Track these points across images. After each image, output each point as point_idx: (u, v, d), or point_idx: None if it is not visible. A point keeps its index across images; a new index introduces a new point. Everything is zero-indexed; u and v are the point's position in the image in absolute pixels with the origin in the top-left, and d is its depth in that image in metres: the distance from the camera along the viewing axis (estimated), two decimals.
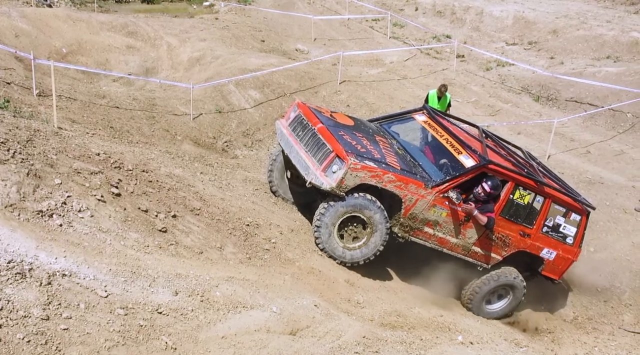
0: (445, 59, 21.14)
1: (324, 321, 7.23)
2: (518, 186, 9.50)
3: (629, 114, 17.17)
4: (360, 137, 9.42)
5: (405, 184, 8.88)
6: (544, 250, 10.01)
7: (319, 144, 9.07)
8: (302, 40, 21.47)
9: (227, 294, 6.76)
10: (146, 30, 18.95)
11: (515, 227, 9.72)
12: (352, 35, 22.94)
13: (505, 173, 9.43)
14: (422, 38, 23.13)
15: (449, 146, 9.71)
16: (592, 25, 22.19)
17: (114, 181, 7.54)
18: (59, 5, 22.89)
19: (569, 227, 10.05)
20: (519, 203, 9.65)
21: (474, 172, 9.21)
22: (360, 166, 8.59)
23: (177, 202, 8.14)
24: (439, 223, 9.32)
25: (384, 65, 19.80)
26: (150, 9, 24.54)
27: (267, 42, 20.31)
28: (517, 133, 16.09)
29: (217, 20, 21.50)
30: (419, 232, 9.35)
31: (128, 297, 5.94)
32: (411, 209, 9.07)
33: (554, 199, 9.79)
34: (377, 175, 8.70)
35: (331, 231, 8.88)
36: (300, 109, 9.76)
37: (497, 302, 10.31)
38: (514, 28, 23.33)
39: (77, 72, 15.26)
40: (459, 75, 19.85)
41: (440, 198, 9.09)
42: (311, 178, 8.82)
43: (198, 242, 7.62)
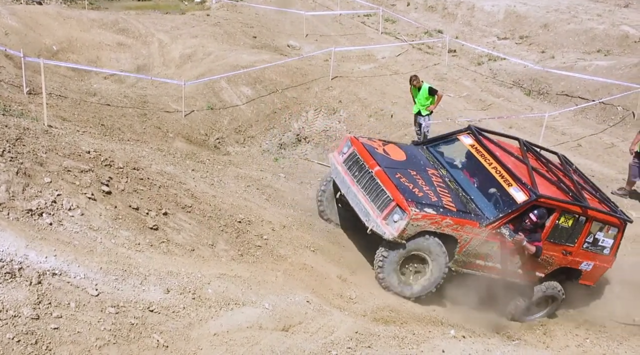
0: (437, 54, 21.14)
1: (317, 317, 7.24)
2: (564, 213, 9.63)
3: (620, 107, 17.23)
4: (415, 176, 9.47)
5: (462, 225, 9.03)
6: (583, 264, 10.20)
7: (377, 190, 9.13)
8: (294, 36, 21.42)
9: (219, 291, 6.76)
10: (137, 27, 18.88)
11: (559, 248, 9.87)
12: (344, 31, 22.91)
13: (554, 204, 9.53)
14: (414, 33, 23.12)
15: (498, 177, 9.75)
16: (582, 19, 22.23)
17: (104, 179, 7.51)
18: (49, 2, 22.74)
19: (607, 240, 10.23)
20: (563, 226, 9.79)
21: (525, 206, 9.29)
22: (421, 216, 8.69)
23: (168, 199, 8.13)
24: (490, 255, 9.48)
25: (376, 60, 19.79)
26: (141, 5, 24.40)
27: (259, 38, 20.26)
28: (509, 127, 16.11)
29: (208, 16, 21.42)
30: (470, 265, 9.52)
31: (119, 295, 5.93)
32: (465, 246, 9.24)
33: (595, 218, 9.92)
34: (436, 222, 8.84)
35: (395, 269, 9.01)
36: (355, 147, 9.73)
37: (537, 311, 10.50)
38: (505, 22, 23.34)
39: (68, 70, 15.20)
40: (451, 70, 19.86)
41: (493, 234, 9.24)
42: (372, 226, 8.92)
43: (189, 239, 7.61)
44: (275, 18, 22.73)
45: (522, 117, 16.81)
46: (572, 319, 10.63)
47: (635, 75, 17.80)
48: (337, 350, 6.74)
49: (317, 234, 9.88)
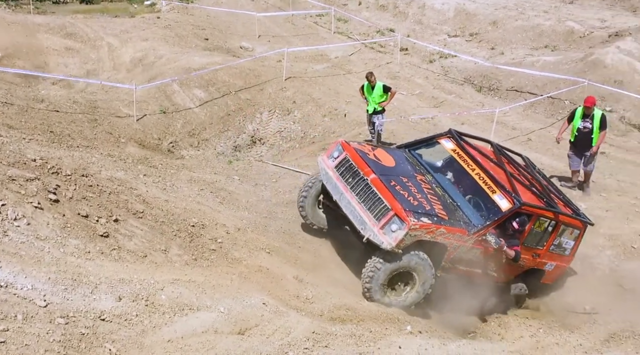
0: (389, 53, 21.32)
1: (273, 319, 7.23)
2: (540, 217, 9.85)
3: (567, 101, 17.63)
4: (407, 183, 9.50)
5: (453, 234, 9.12)
6: (547, 265, 10.48)
7: (374, 198, 9.09)
8: (247, 37, 21.35)
9: (172, 297, 6.69)
10: (85, 31, 18.57)
11: (530, 251, 10.10)
12: (296, 31, 22.93)
13: (534, 211, 9.75)
14: (366, 32, 23.28)
15: (482, 183, 9.89)
16: (529, 15, 22.70)
17: (51, 187, 7.37)
18: None
19: (569, 241, 10.51)
20: (537, 231, 10.02)
21: (509, 214, 9.46)
22: (419, 226, 8.74)
23: (118, 206, 8.02)
24: (472, 261, 9.62)
25: (329, 60, 19.86)
26: (89, 9, 23.97)
27: (211, 40, 20.13)
28: (462, 123, 16.33)
29: (159, 19, 21.18)
30: (453, 270, 9.62)
31: (69, 305, 5.82)
32: (453, 254, 9.34)
33: (564, 221, 10.17)
34: (432, 231, 8.90)
35: (383, 288, 9.03)
36: (347, 152, 9.67)
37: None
38: (455, 20, 23.68)
39: (14, 76, 14.85)
40: (403, 68, 20.05)
41: (478, 241, 9.36)
42: (369, 235, 8.88)
43: (142, 245, 7.52)
44: (227, 20, 22.62)
45: (474, 113, 17.06)
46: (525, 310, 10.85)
47: (581, 70, 18.26)
48: (294, 351, 6.74)
49: (273, 236, 9.88)
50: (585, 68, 18.31)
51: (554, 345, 9.02)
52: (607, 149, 15.57)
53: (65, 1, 24.81)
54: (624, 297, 10.73)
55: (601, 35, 20.62)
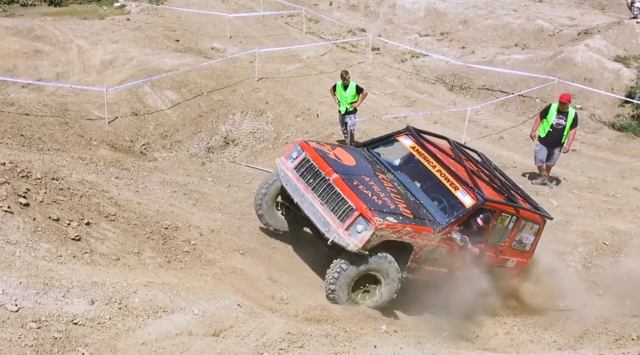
0: (361, 53, 21.42)
1: (248, 320, 7.22)
2: (502, 213, 9.84)
3: (538, 99, 17.91)
4: (369, 182, 9.34)
5: (419, 233, 9.01)
6: (509, 261, 10.44)
7: (337, 199, 8.89)
8: (218, 38, 21.28)
9: (146, 300, 6.66)
10: (54, 33, 18.37)
11: (494, 248, 10.03)
12: (268, 32, 22.92)
13: (497, 206, 9.73)
14: (338, 32, 23.36)
15: (444, 180, 9.81)
16: (499, 14, 22.99)
17: (21, 191, 7.29)
18: None
19: (529, 237, 10.50)
20: (499, 227, 10.00)
21: (473, 211, 9.42)
22: (385, 225, 8.60)
23: (90, 209, 7.96)
24: (437, 260, 9.52)
25: (301, 60, 19.88)
26: (58, 11, 23.67)
27: (182, 41, 20.04)
28: (434, 122, 16.49)
29: (128, 21, 21.01)
30: (418, 271, 9.50)
31: (41, 309, 5.77)
32: (419, 253, 9.25)
33: (524, 216, 10.17)
34: (398, 230, 8.78)
35: (348, 293, 8.93)
36: (307, 152, 9.44)
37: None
38: (426, 19, 23.88)
39: None
40: (375, 68, 20.16)
41: (444, 239, 9.30)
42: (334, 237, 8.68)
43: (114, 248, 7.47)
44: (198, 21, 22.53)
45: (446, 112, 17.24)
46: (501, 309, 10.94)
47: (551, 68, 18.58)
48: (269, 352, 6.73)
49: (246, 237, 9.87)
50: (555, 66, 18.62)
51: (529, 342, 9.16)
52: (578, 147, 15.85)
53: (34, 3, 24.48)
54: (597, 293, 10.94)
55: (570, 33, 20.97)
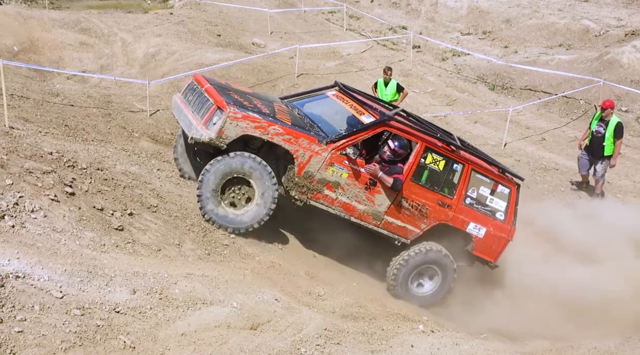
0: (402, 50, 21.30)
1: (285, 315, 7.24)
2: (430, 150, 9.10)
3: (582, 100, 17.57)
4: (253, 99, 9.05)
5: (296, 137, 8.45)
6: (471, 225, 9.48)
7: (203, 101, 8.76)
8: (259, 34, 21.38)
9: (186, 291, 6.72)
10: (99, 26, 18.66)
11: (432, 195, 9.23)
12: (308, 28, 22.94)
13: (410, 131, 9.09)
14: (379, 29, 23.27)
15: (352, 110, 9.45)
16: (544, 13, 22.61)
17: (67, 180, 7.42)
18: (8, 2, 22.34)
19: (497, 200, 9.58)
20: (434, 169, 9.24)
21: (373, 128, 8.91)
22: (241, 115, 8.24)
23: (133, 199, 8.06)
24: (340, 185, 8.83)
25: (341, 57, 19.86)
26: (103, 4, 24.12)
27: (224, 36, 20.17)
28: (474, 122, 16.33)
29: (172, 15, 21.25)
30: (318, 195, 8.84)
31: (84, 297, 5.86)
32: (305, 166, 8.63)
33: (474, 167, 9.41)
34: (262, 126, 8.30)
35: (215, 197, 8.46)
36: (194, 78, 9.44)
37: (426, 284, 9.75)
38: (468, 18, 23.63)
39: (30, 71, 14.93)
40: (416, 66, 20.02)
41: (338, 156, 8.67)
42: (193, 133, 8.43)
43: (156, 239, 7.55)
44: (240, 16, 22.66)
45: (487, 111, 17.04)
46: None
47: (597, 69, 18.19)
48: (306, 347, 6.75)
49: (286, 231, 9.88)
50: (600, 67, 18.23)
51: (569, 347, 8.95)
52: (623, 150, 15.46)
53: None
54: None
55: (617, 34, 20.50)
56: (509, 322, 9.43)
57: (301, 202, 8.92)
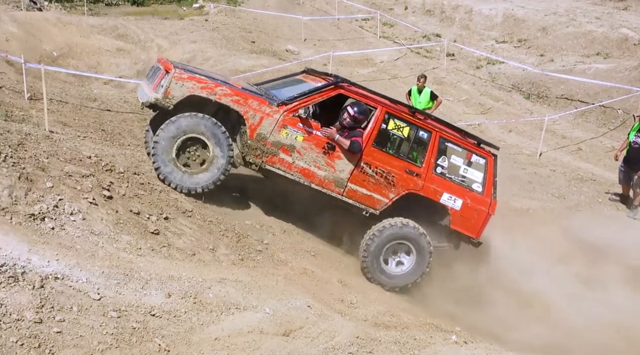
0: (436, 58, 21.23)
1: (317, 322, 7.22)
2: (391, 115, 8.93)
3: (620, 110, 17.29)
4: (211, 74, 9.15)
5: (245, 98, 8.47)
6: (445, 196, 9.15)
7: (155, 71, 8.94)
8: (293, 41, 21.50)
9: (220, 296, 6.76)
10: (136, 32, 18.97)
11: (398, 163, 9.00)
12: (342, 35, 22.99)
13: (369, 96, 8.98)
14: (412, 37, 23.23)
15: (310, 81, 9.43)
16: (581, 22, 22.32)
17: (105, 184, 7.52)
18: (49, 9, 22.83)
19: (472, 170, 9.28)
20: (397, 135, 9.03)
21: (327, 91, 8.81)
22: (187, 76, 8.32)
23: (169, 204, 8.14)
24: (296, 148, 8.73)
25: (375, 64, 19.87)
26: (140, 11, 24.51)
27: (258, 43, 20.34)
28: (509, 131, 16.18)
29: (207, 21, 21.50)
30: (274, 159, 8.75)
31: (121, 299, 5.94)
32: (257, 128, 8.57)
33: (442, 135, 9.16)
34: (209, 87, 8.35)
35: (170, 156, 8.45)
36: (159, 61, 9.39)
37: (401, 263, 9.37)
38: (503, 26, 23.45)
39: (68, 75, 15.25)
40: (450, 73, 19.93)
41: (291, 118, 8.61)
42: (143, 99, 8.61)
43: (190, 244, 7.62)
44: (274, 23, 22.83)
45: (522, 120, 16.87)
46: None
47: (635, 78, 17.90)
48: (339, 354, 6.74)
49: (318, 239, 9.89)
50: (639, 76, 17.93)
51: None
52: None
53: (118, 3, 25.45)
54: None
55: None
56: (547, 335, 9.27)
57: (256, 165, 8.86)
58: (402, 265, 9.38)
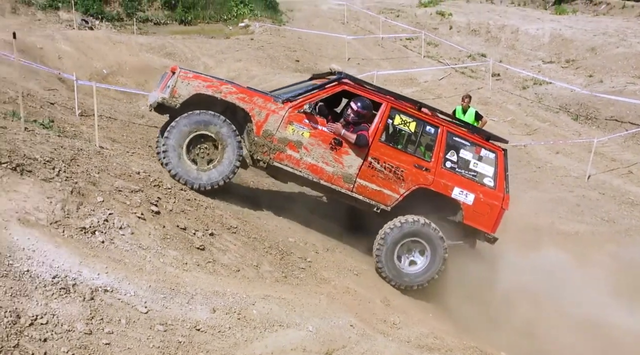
0: (481, 78, 21.08)
1: (360, 341, 7.18)
2: (396, 110, 8.97)
3: None
4: (221, 79, 9.34)
5: (250, 96, 8.63)
6: (456, 190, 9.10)
7: (163, 76, 9.18)
8: (336, 59, 21.64)
9: (263, 312, 6.78)
10: (183, 51, 19.36)
11: (407, 157, 9.01)
12: (386, 54, 23.04)
13: (370, 91, 9.00)
14: (457, 57, 23.13)
15: (317, 82, 9.46)
16: (632, 42, 21.93)
17: (153, 199, 7.65)
18: (100, 28, 23.48)
19: (482, 165, 9.25)
20: (404, 130, 9.07)
21: (331, 87, 8.88)
22: (192, 75, 8.59)
23: (214, 220, 8.22)
24: (303, 145, 8.78)
25: (419, 84, 19.83)
26: (187, 30, 24.99)
27: (302, 61, 20.53)
28: (556, 152, 15.91)
29: (252, 40, 21.83)
30: (282, 155, 8.82)
31: (167, 313, 6.01)
32: (263, 125, 8.67)
33: (450, 129, 9.15)
34: (214, 85, 8.54)
35: (180, 153, 8.55)
36: (170, 69, 9.49)
37: (417, 261, 9.30)
38: (550, 46, 23.18)
39: (117, 93, 15.62)
40: (495, 94, 19.75)
41: (297, 114, 8.70)
42: (151, 101, 8.84)
43: (235, 260, 7.67)
44: (318, 42, 23.03)
45: (570, 142, 16.57)
46: None
47: None
48: None
49: (360, 258, 9.85)
50: None
51: None
52: None
53: (166, 22, 26.01)
54: None
55: None
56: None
57: (264, 163, 8.92)
58: (416, 264, 9.36)
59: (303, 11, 29.08)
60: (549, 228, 12.60)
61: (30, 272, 5.46)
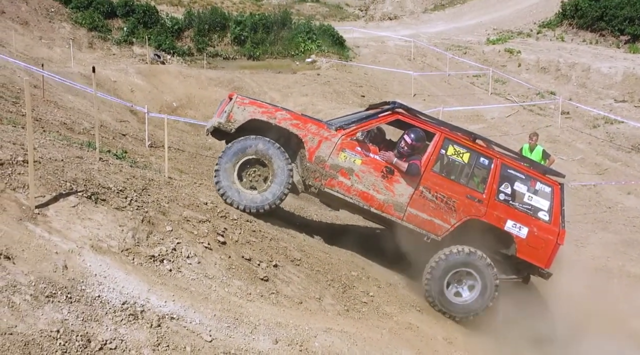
0: (549, 116, 20.71)
1: None
2: (450, 141, 8.94)
3: None
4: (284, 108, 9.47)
5: (304, 122, 8.76)
6: (509, 223, 8.97)
7: (221, 103, 9.34)
8: (402, 95, 21.70)
9: (325, 345, 6.77)
10: (251, 85, 19.83)
11: (459, 188, 8.93)
12: (452, 91, 22.96)
13: (424, 121, 8.98)
14: (525, 94, 22.82)
15: (372, 111, 9.57)
16: None
17: (220, 230, 7.80)
18: (171, 62, 24.36)
19: (537, 198, 9.09)
20: (457, 160, 9.00)
21: (384, 116, 8.93)
22: (248, 101, 8.77)
23: (278, 251, 8.31)
24: (354, 172, 8.81)
25: (485, 121, 19.64)
26: (255, 65, 25.63)
27: (367, 97, 20.69)
28: (627, 193, 15.39)
29: (318, 76, 22.17)
30: (333, 182, 8.87)
31: (231, 342, 6.07)
32: (315, 151, 8.76)
33: (504, 161, 9.03)
34: (269, 111, 8.70)
35: (231, 174, 8.76)
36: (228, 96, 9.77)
37: (466, 292, 9.19)
38: (623, 85, 22.58)
39: (185, 125, 16.09)
40: (564, 132, 19.35)
41: (349, 142, 8.77)
42: (209, 126, 9.03)
43: (298, 292, 7.71)
44: (384, 78, 23.18)
45: None
46: None
47: None
48: None
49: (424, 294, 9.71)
50: None
51: None
52: None
53: (235, 57, 26.77)
54: None
55: None
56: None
57: (316, 188, 8.99)
58: (464, 295, 9.23)
59: (369, 47, 29.35)
60: (619, 271, 12.16)
61: (101, 298, 5.64)
